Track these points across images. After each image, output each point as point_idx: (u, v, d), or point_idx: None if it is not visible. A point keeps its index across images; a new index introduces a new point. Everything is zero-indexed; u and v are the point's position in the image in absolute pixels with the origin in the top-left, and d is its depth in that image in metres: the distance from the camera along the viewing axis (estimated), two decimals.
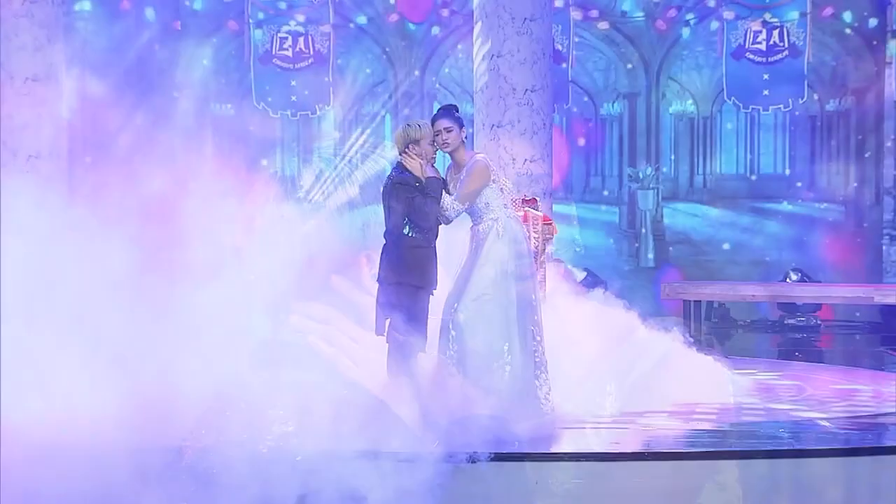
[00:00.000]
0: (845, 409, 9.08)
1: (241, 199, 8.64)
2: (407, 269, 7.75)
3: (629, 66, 18.97)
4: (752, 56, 18.11)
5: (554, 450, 7.28)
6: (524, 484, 6.84)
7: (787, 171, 18.79)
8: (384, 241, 7.89)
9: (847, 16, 18.32)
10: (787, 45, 17.96)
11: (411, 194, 7.77)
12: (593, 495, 6.85)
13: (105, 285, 7.35)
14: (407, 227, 7.81)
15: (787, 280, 17.00)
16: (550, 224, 10.38)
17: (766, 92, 18.11)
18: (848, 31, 18.39)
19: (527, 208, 9.61)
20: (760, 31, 18.05)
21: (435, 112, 8.15)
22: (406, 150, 7.89)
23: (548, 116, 13.27)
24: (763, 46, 18.04)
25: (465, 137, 8.03)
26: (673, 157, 18.99)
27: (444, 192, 7.88)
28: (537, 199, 11.39)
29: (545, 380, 7.94)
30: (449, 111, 8.01)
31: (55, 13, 13.07)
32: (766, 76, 18.09)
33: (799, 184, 18.66)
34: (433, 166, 7.93)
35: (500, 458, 6.91)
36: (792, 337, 16.05)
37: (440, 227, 7.96)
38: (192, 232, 7.96)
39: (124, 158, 8.12)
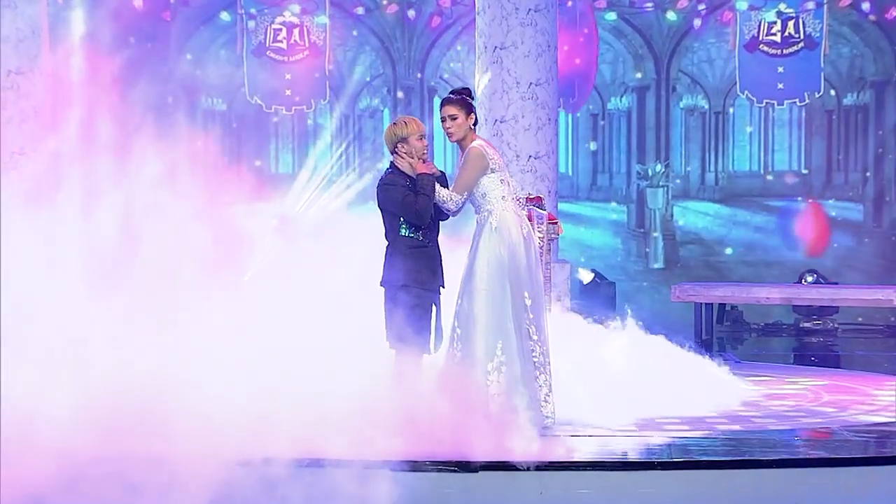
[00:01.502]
0: (864, 416, 9.07)
1: (230, 198, 8.65)
2: (408, 271, 7.77)
3: (638, 58, 18.97)
4: (766, 48, 18.10)
5: (559, 458, 7.27)
6: (529, 494, 6.84)
7: (803, 169, 18.78)
8: (386, 244, 7.91)
9: (865, 6, 18.31)
10: (802, 36, 17.95)
11: (402, 194, 7.78)
12: None
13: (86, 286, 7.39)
14: (403, 227, 7.83)
15: (803, 282, 16.99)
16: (556, 223, 10.40)
17: (780, 85, 18.10)
18: (867, 21, 18.39)
19: (531, 206, 9.62)
20: (775, 22, 18.04)
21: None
22: (396, 149, 7.90)
23: (553, 111, 13.28)
24: (778, 38, 18.03)
25: (475, 124, 7.98)
26: (683, 154, 18.99)
27: (443, 186, 7.87)
28: (542, 197, 11.41)
29: (545, 381, 7.88)
30: (455, 95, 7.96)
31: (39, 4, 13.07)
32: (780, 69, 18.08)
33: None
34: (426, 162, 7.92)
35: (503, 466, 6.91)
36: (808, 341, 16.04)
37: (444, 222, 7.98)
38: (179, 232, 7.97)
39: (110, 155, 8.12)
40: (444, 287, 7.90)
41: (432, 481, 6.73)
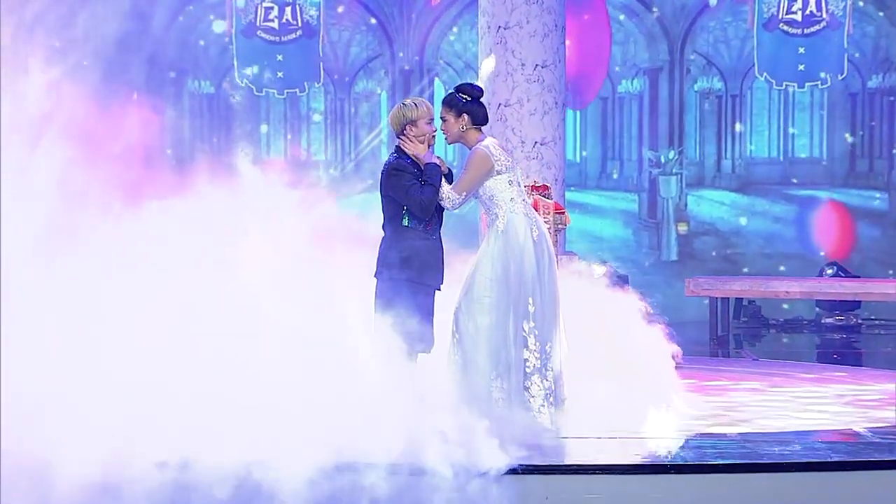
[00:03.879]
0: (888, 417, 9.09)
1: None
2: (405, 263, 7.78)
3: (650, 38, 18.96)
4: (786, 27, 18.09)
5: (567, 462, 7.29)
6: (533, 499, 6.86)
7: (825, 155, 18.79)
8: (382, 234, 7.92)
9: None
10: (825, 15, 17.94)
11: (409, 182, 7.79)
12: None
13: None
14: (405, 217, 7.84)
15: (823, 275, 17.00)
16: (563, 213, 10.41)
17: (801, 67, 18.09)
18: None
19: (537, 196, 9.64)
20: (796, 0, 18.03)
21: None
22: (403, 132, 7.91)
23: (559, 95, 13.27)
24: (798, 17, 18.02)
25: (480, 120, 8.03)
26: (698, 140, 18.99)
27: (443, 181, 7.91)
28: (548, 185, 11.42)
29: (539, 391, 7.94)
30: (446, 98, 8.08)
31: None
32: (801, 50, 18.07)
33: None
34: (432, 152, 7.96)
35: (506, 471, 6.92)
36: (830, 337, 16.07)
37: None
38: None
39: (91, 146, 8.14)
40: (442, 284, 7.90)
41: (434, 485, 6.75)
